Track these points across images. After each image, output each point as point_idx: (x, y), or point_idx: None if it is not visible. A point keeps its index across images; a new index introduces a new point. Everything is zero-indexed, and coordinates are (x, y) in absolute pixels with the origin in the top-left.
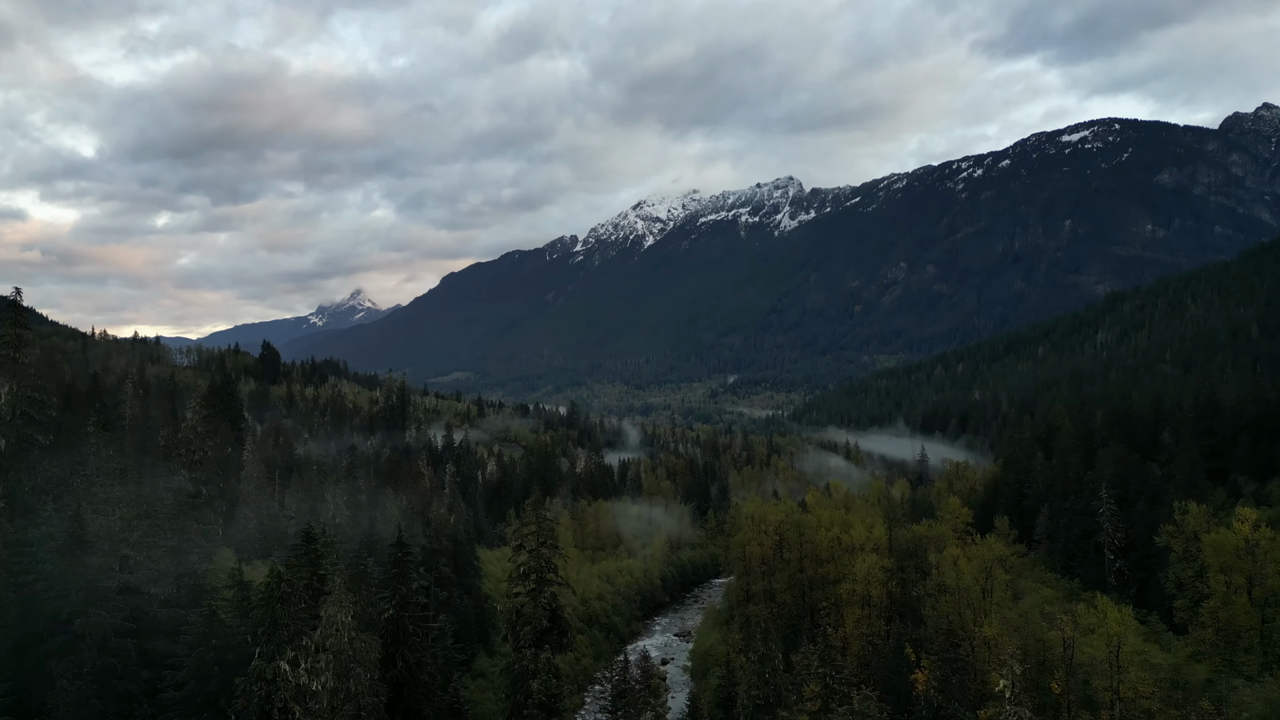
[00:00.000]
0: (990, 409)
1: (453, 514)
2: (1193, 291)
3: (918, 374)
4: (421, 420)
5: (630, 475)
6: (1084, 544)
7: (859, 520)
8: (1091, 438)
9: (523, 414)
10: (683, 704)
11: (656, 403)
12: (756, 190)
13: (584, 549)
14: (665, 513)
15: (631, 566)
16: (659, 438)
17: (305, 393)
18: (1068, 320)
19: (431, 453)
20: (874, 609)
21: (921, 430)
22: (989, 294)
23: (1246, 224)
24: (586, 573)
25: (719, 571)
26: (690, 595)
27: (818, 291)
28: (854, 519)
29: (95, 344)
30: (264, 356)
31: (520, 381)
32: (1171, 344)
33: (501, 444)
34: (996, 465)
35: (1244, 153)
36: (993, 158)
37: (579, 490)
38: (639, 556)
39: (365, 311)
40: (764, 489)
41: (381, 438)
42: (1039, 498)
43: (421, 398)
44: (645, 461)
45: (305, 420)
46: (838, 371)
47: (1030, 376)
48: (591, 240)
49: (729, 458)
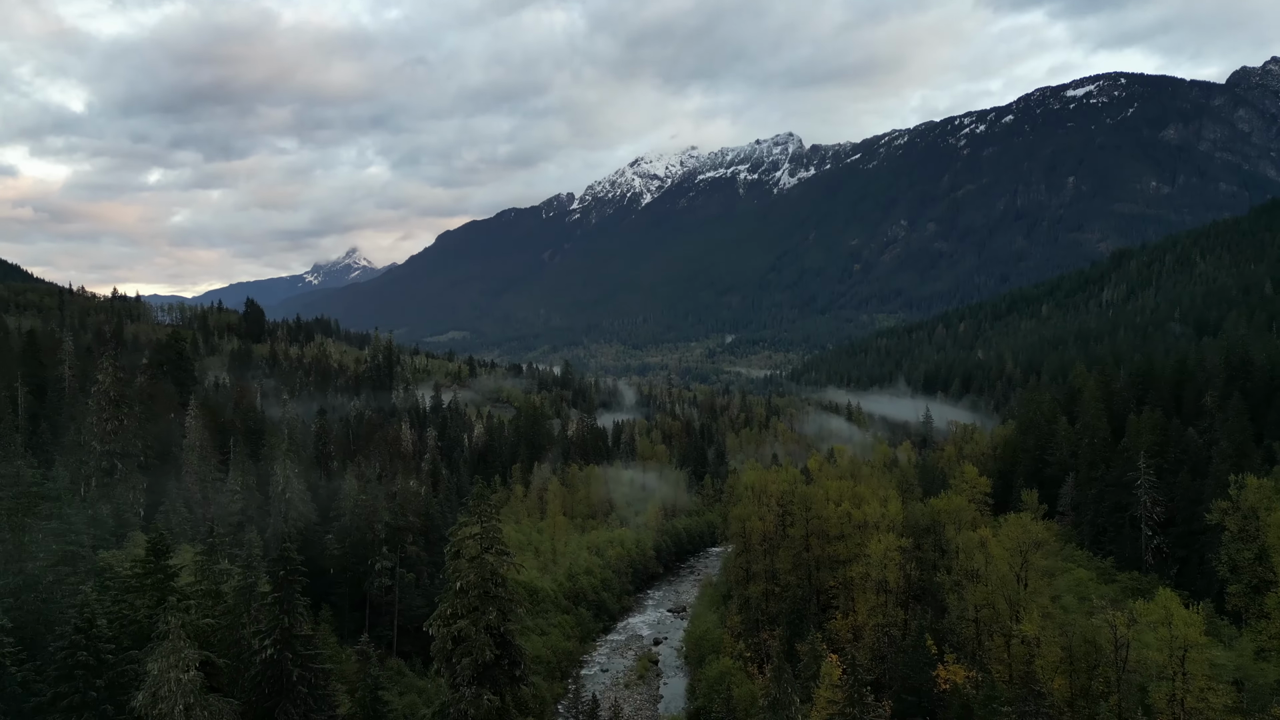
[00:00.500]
0: (994, 369)
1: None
2: (1201, 248)
3: (918, 333)
4: (410, 381)
5: (624, 438)
6: (1116, 518)
7: (871, 493)
8: (1113, 400)
9: (516, 374)
10: (676, 692)
11: (654, 363)
12: (756, 147)
13: (574, 517)
14: (659, 478)
15: (623, 536)
16: (655, 398)
17: (290, 352)
18: (1072, 278)
19: (418, 415)
20: (890, 595)
21: (923, 390)
22: (990, 252)
23: (1252, 181)
24: (575, 544)
25: (715, 540)
26: (685, 566)
27: (817, 250)
28: (864, 491)
29: (72, 301)
30: (248, 314)
31: (517, 341)
32: (1180, 302)
33: (494, 405)
34: (1006, 427)
35: (1251, 108)
36: (996, 113)
37: (570, 454)
38: (632, 525)
39: (361, 270)
40: (763, 452)
41: (367, 399)
42: (1063, 466)
43: (412, 357)
44: (640, 423)
45: (287, 381)
46: (837, 331)
47: (1034, 335)
48: (588, 198)
49: (726, 419)
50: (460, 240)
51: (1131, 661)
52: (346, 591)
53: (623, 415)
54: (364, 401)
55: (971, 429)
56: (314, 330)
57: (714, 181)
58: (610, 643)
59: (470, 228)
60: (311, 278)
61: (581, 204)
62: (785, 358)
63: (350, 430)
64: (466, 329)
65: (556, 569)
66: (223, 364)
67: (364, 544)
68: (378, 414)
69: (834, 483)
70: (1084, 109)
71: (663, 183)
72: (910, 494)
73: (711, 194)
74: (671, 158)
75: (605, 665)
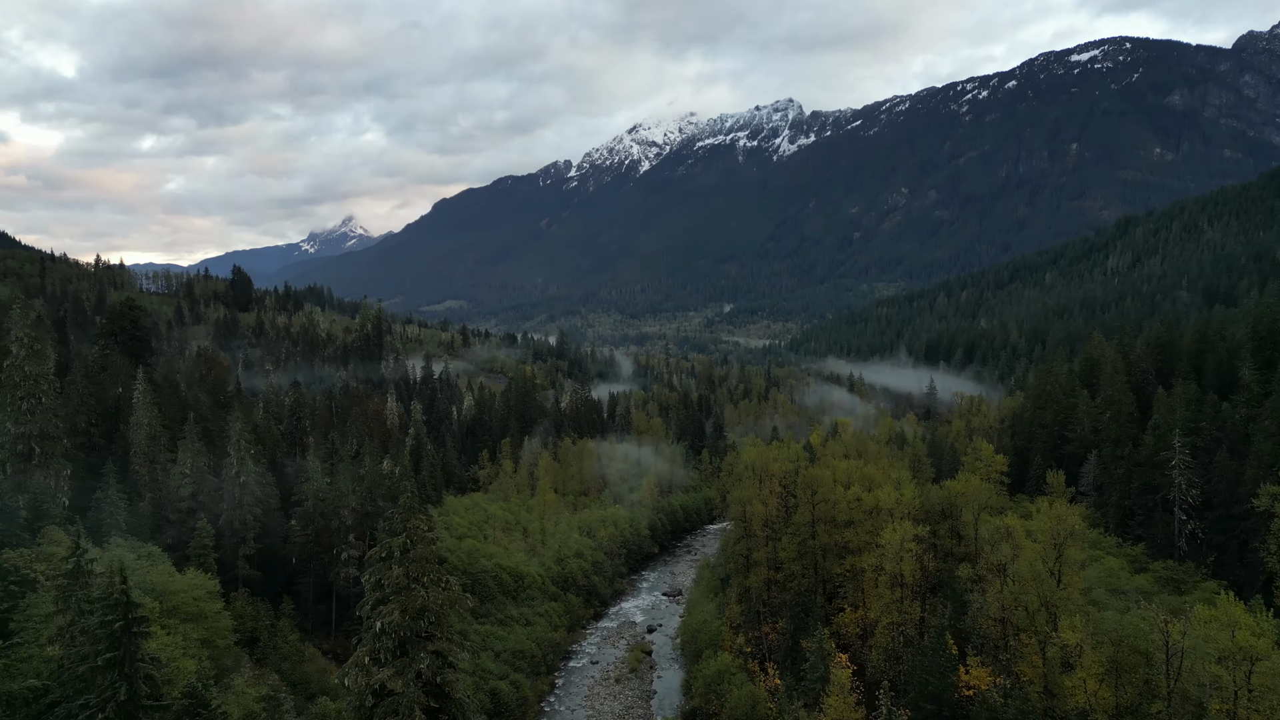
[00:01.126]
0: (998, 338)
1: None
2: (1209, 215)
3: (919, 302)
4: (401, 351)
5: (620, 411)
6: (1146, 500)
7: (881, 474)
8: (1132, 372)
9: (510, 344)
10: (672, 686)
11: (651, 332)
12: (755, 113)
13: (565, 494)
14: (655, 453)
15: (616, 516)
16: (652, 368)
17: (277, 321)
18: (1076, 245)
19: (407, 386)
20: (906, 590)
21: (925, 360)
22: (991, 220)
23: (1257, 148)
24: (566, 524)
25: (713, 517)
26: (682, 545)
27: (816, 218)
28: (874, 472)
29: (54, 268)
30: (235, 282)
31: (514, 310)
32: (1188, 270)
33: (488, 375)
34: (1014, 399)
35: (1257, 73)
36: (999, 79)
37: (563, 427)
38: (626, 502)
39: (357, 238)
40: (762, 425)
41: (355, 370)
42: (1084, 443)
43: (404, 326)
44: (637, 395)
45: (273, 351)
46: (836, 300)
47: (1038, 304)
48: (586, 165)
49: (725, 390)
50: (457, 208)
51: (1184, 671)
52: (311, 582)
53: (619, 386)
54: (351, 373)
55: (978, 401)
56: (303, 299)
57: (713, 149)
58: (601, 630)
59: (467, 195)
60: (308, 246)
61: (579, 172)
62: (784, 327)
63: (334, 404)
64: (463, 298)
65: (545, 551)
66: (208, 333)
67: (328, 531)
68: (365, 386)
69: (842, 463)
70: (1088, 74)
71: (661, 150)
72: (922, 474)
73: (710, 161)
74: (670, 125)
75: (595, 656)
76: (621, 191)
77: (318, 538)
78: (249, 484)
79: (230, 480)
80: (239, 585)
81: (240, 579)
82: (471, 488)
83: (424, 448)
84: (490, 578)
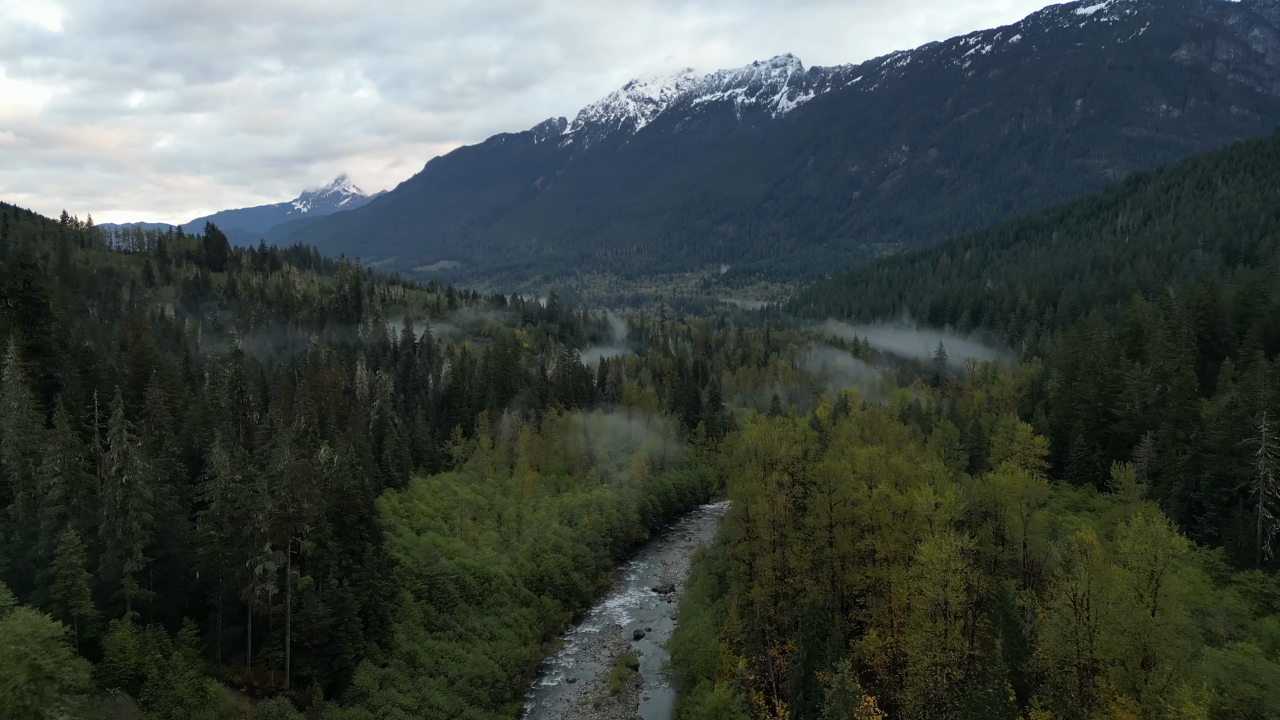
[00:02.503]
0: (1006, 299)
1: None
2: (1222, 171)
3: (922, 262)
4: (380, 314)
5: (610, 379)
6: (1218, 493)
7: (909, 463)
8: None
9: (499, 305)
10: (660, 709)
11: (647, 293)
12: (754, 69)
13: (548, 472)
14: (647, 426)
15: (602, 500)
16: (647, 331)
17: (252, 282)
18: (1084, 203)
19: (385, 351)
20: (951, 622)
21: (929, 322)
22: (993, 179)
23: (1265, 104)
24: (545, 509)
25: (709, 495)
26: (675, 528)
27: (815, 176)
28: (902, 462)
29: (18, 225)
30: (208, 240)
31: (508, 271)
32: (1204, 228)
33: (475, 339)
34: (1031, 365)
35: (1267, 27)
36: (1002, 33)
37: (548, 397)
38: (614, 481)
39: (350, 198)
40: (761, 392)
41: (330, 333)
42: (1136, 423)
43: (389, 288)
44: (630, 360)
45: (244, 314)
46: (835, 260)
47: (1046, 264)
48: (581, 123)
49: (722, 355)
50: (450, 167)
51: None
52: (221, 602)
53: (613, 350)
54: (325, 337)
55: (993, 367)
56: (283, 259)
57: (710, 105)
58: (581, 637)
59: (460, 154)
60: (300, 205)
61: (574, 129)
62: (782, 288)
63: (299, 372)
64: (457, 258)
65: (519, 544)
66: (176, 294)
67: (239, 539)
68: (339, 351)
69: (862, 451)
70: (1094, 28)
71: (658, 107)
72: (954, 461)
73: (708, 118)
74: (667, 80)
75: (572, 672)
76: (617, 150)
77: (227, 547)
78: (135, 483)
79: (111, 480)
80: (126, 609)
81: (128, 601)
82: (446, 465)
83: (389, 423)
84: (451, 581)
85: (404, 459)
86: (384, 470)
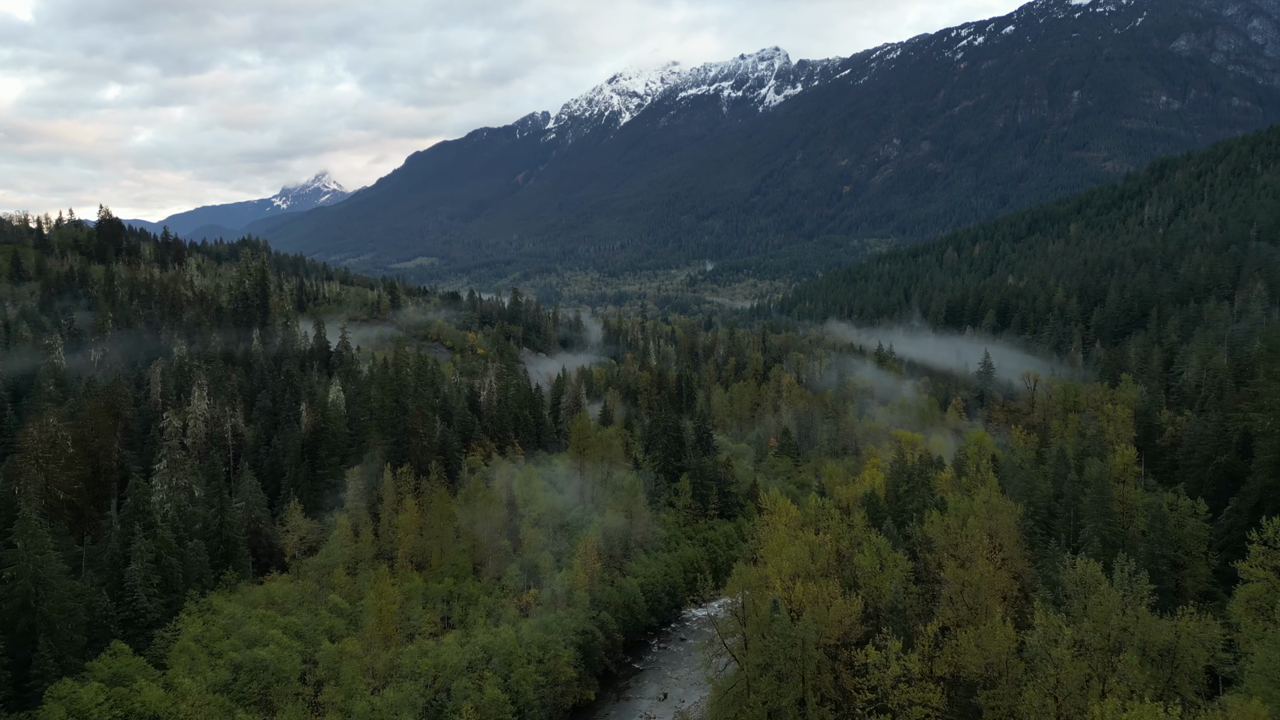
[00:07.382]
0: (1039, 298)
1: None
2: (1260, 157)
3: (925, 257)
4: (289, 316)
5: (566, 402)
6: None
7: None
8: None
9: (452, 304)
10: None
11: (631, 291)
12: (740, 62)
13: (439, 576)
14: (605, 485)
15: (510, 648)
16: (625, 333)
17: (144, 276)
18: (1103, 193)
19: (280, 365)
20: None
21: (946, 323)
22: (988, 172)
23: (1266, 96)
24: (409, 662)
25: (697, 595)
26: (645, 662)
27: (804, 171)
28: None
29: None
30: (100, 228)
31: (487, 268)
32: (1254, 216)
33: (424, 345)
34: (1129, 389)
35: (1266, 18)
36: (995, 24)
37: (474, 434)
38: (545, 584)
39: (330, 194)
40: (762, 416)
41: (224, 339)
42: None
43: (324, 283)
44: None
45: (121, 315)
46: (826, 257)
47: (1071, 258)
48: (564, 117)
49: (711, 365)
50: (431, 162)
51: None
52: None
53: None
54: (201, 344)
55: (1073, 388)
56: (192, 251)
57: (696, 99)
58: None
59: (441, 149)
60: (280, 201)
61: (557, 123)
62: (771, 285)
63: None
64: (435, 254)
65: None
66: (33, 293)
67: None
68: (214, 365)
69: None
70: (1090, 18)
71: (642, 101)
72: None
73: (693, 113)
74: (652, 74)
75: None
76: (601, 144)
77: None
78: None
79: None
80: None
81: None
82: (281, 565)
83: (176, 493)
84: None
85: (199, 565)
86: (125, 605)
